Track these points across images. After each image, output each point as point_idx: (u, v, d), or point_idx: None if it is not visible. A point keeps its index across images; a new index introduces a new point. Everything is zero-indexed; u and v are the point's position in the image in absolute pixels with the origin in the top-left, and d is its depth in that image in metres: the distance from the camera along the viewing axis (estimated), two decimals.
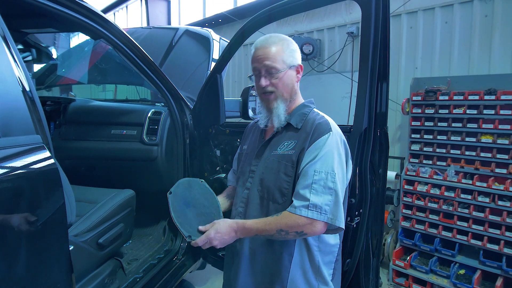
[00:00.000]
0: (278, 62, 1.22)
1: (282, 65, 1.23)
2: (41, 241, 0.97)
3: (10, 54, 0.99)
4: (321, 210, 1.11)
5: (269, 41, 1.24)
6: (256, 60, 1.25)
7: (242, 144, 1.50)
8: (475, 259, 2.77)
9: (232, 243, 1.28)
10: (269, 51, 1.22)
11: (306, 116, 1.26)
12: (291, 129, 1.26)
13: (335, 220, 1.13)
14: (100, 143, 2.36)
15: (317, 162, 1.14)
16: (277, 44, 1.24)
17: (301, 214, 1.11)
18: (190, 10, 8.40)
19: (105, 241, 1.75)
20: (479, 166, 2.78)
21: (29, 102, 1.00)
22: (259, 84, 1.24)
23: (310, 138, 1.19)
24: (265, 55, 1.22)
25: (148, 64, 1.94)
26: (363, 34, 1.40)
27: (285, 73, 1.24)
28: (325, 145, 1.16)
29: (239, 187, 1.38)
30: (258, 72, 1.25)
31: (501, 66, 2.98)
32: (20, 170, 0.92)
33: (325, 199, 1.12)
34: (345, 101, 3.87)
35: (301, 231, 1.13)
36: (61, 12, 1.35)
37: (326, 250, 1.26)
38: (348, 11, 4.13)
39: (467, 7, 3.16)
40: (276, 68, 1.22)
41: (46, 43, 2.30)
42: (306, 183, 1.14)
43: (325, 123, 1.21)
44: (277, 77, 1.23)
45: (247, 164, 1.37)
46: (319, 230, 1.14)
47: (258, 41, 1.27)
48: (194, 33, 3.01)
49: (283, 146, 1.25)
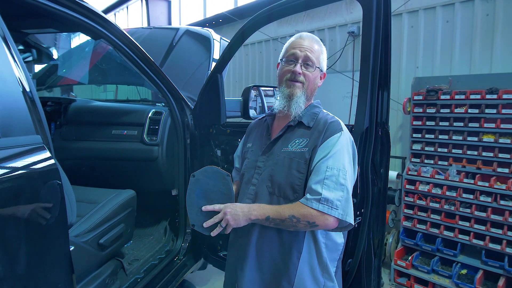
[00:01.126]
0: (316, 59, 1.28)
1: (318, 64, 1.29)
2: (41, 242, 0.97)
3: (10, 55, 0.99)
4: (333, 205, 1.13)
5: (315, 39, 1.31)
6: (299, 47, 1.28)
7: (245, 142, 1.50)
8: (477, 259, 2.76)
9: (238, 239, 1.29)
10: (314, 45, 1.29)
11: (316, 115, 1.30)
12: (302, 127, 1.29)
13: (345, 216, 1.15)
14: (101, 143, 2.36)
15: (330, 159, 1.17)
16: (320, 45, 1.31)
17: (312, 207, 1.13)
18: (191, 10, 8.42)
19: (106, 242, 1.75)
20: (481, 165, 2.77)
21: (29, 103, 1.00)
22: (294, 70, 1.26)
23: (322, 136, 1.22)
24: (310, 47, 1.27)
25: (149, 64, 1.94)
26: (364, 34, 1.39)
27: (317, 72, 1.30)
28: (337, 143, 1.19)
29: (244, 183, 1.38)
30: (295, 59, 1.28)
31: (503, 65, 2.97)
32: (20, 170, 0.92)
33: (336, 195, 1.14)
34: (346, 101, 3.86)
35: (313, 222, 1.14)
36: (61, 12, 1.35)
37: (332, 248, 1.28)
38: (349, 10, 4.12)
39: (468, 6, 3.15)
40: (313, 62, 1.27)
41: (46, 44, 2.30)
42: (319, 178, 1.16)
43: (337, 123, 1.25)
44: (311, 71, 1.28)
45: (253, 161, 1.36)
46: (331, 224, 1.15)
47: (304, 33, 1.33)
48: (194, 33, 3.01)
49: (295, 143, 1.27)
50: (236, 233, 1.36)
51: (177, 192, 2.26)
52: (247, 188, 1.34)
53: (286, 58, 1.30)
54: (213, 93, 2.06)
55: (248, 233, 1.29)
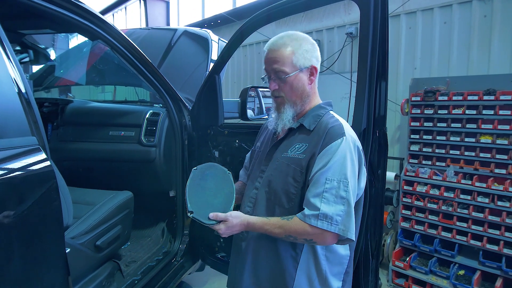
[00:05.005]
0: (287, 65, 1.17)
1: (292, 68, 1.17)
2: (37, 244, 0.96)
3: (5, 55, 0.98)
4: (332, 221, 1.06)
5: (279, 43, 1.19)
6: (266, 62, 1.22)
7: (256, 141, 1.48)
8: (474, 259, 2.77)
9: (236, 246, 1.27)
10: (278, 54, 1.17)
11: (320, 118, 1.21)
12: (304, 131, 1.21)
13: (346, 232, 1.07)
14: (98, 145, 2.36)
15: (329, 169, 1.09)
16: (288, 46, 1.17)
17: (311, 224, 1.07)
18: (189, 11, 8.42)
19: (103, 243, 1.74)
20: (479, 166, 2.77)
21: (25, 104, 0.99)
22: (269, 87, 1.22)
23: (321, 143, 1.13)
24: (274, 58, 1.18)
25: (146, 65, 1.93)
26: (362, 35, 1.39)
27: (295, 77, 1.18)
28: (337, 150, 1.10)
29: (250, 184, 1.35)
30: (267, 75, 1.23)
31: (500, 66, 2.98)
32: (15, 172, 0.91)
33: (336, 209, 1.07)
34: (344, 102, 3.87)
35: (311, 239, 1.09)
36: (58, 13, 1.35)
37: (334, 261, 1.21)
38: (347, 11, 4.13)
39: (466, 7, 3.16)
40: (284, 71, 1.17)
41: (43, 44, 2.29)
42: (317, 191, 1.08)
43: (338, 127, 1.14)
44: (285, 81, 1.18)
45: (258, 163, 1.34)
46: (329, 240, 1.10)
47: (269, 41, 1.22)
48: (192, 34, 3.01)
49: (294, 148, 1.20)
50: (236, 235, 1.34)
51: (175, 194, 2.26)
52: (251, 191, 1.32)
53: (265, 74, 1.25)
54: (211, 94, 2.06)
55: (246, 238, 1.27)
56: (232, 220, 1.17)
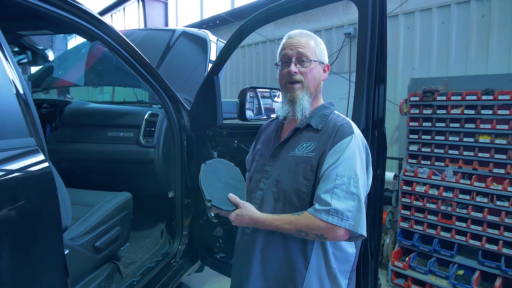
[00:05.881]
0: (311, 53, 1.21)
1: (314, 57, 1.22)
2: (35, 245, 0.96)
3: (3, 56, 0.98)
4: (343, 216, 1.07)
5: (304, 33, 1.25)
6: (289, 46, 1.22)
7: (255, 144, 1.47)
8: (474, 259, 2.77)
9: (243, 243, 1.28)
10: (305, 41, 1.22)
11: (326, 117, 1.22)
12: (311, 130, 1.22)
13: (357, 227, 1.08)
14: (97, 145, 2.35)
15: (340, 166, 1.10)
16: (312, 38, 1.24)
17: (321, 218, 1.07)
18: (187, 11, 8.42)
19: (102, 244, 1.74)
20: (477, 166, 2.77)
21: (23, 105, 0.99)
22: (288, 70, 1.20)
23: (332, 140, 1.14)
24: (299, 43, 1.21)
25: (145, 66, 1.93)
26: (360, 35, 1.39)
27: (315, 66, 1.23)
28: (347, 148, 1.11)
29: (253, 185, 1.34)
30: (288, 59, 1.22)
31: (499, 66, 2.99)
32: (13, 173, 0.91)
33: (347, 205, 1.07)
34: (343, 102, 3.87)
35: (322, 235, 1.09)
36: (56, 14, 1.34)
37: (342, 258, 1.21)
38: (345, 12, 4.13)
39: (464, 7, 3.17)
40: (308, 57, 1.20)
41: (42, 45, 2.29)
42: (328, 187, 1.09)
43: (347, 125, 1.17)
44: (307, 67, 1.21)
45: (261, 164, 1.33)
46: (341, 236, 1.09)
47: (292, 32, 1.26)
48: (191, 34, 3.01)
49: (302, 147, 1.20)
50: (241, 235, 1.33)
51: (174, 194, 2.25)
52: (255, 193, 1.30)
53: (281, 61, 1.25)
54: (209, 94, 2.06)
55: (253, 238, 1.26)
56: (245, 209, 1.19)
